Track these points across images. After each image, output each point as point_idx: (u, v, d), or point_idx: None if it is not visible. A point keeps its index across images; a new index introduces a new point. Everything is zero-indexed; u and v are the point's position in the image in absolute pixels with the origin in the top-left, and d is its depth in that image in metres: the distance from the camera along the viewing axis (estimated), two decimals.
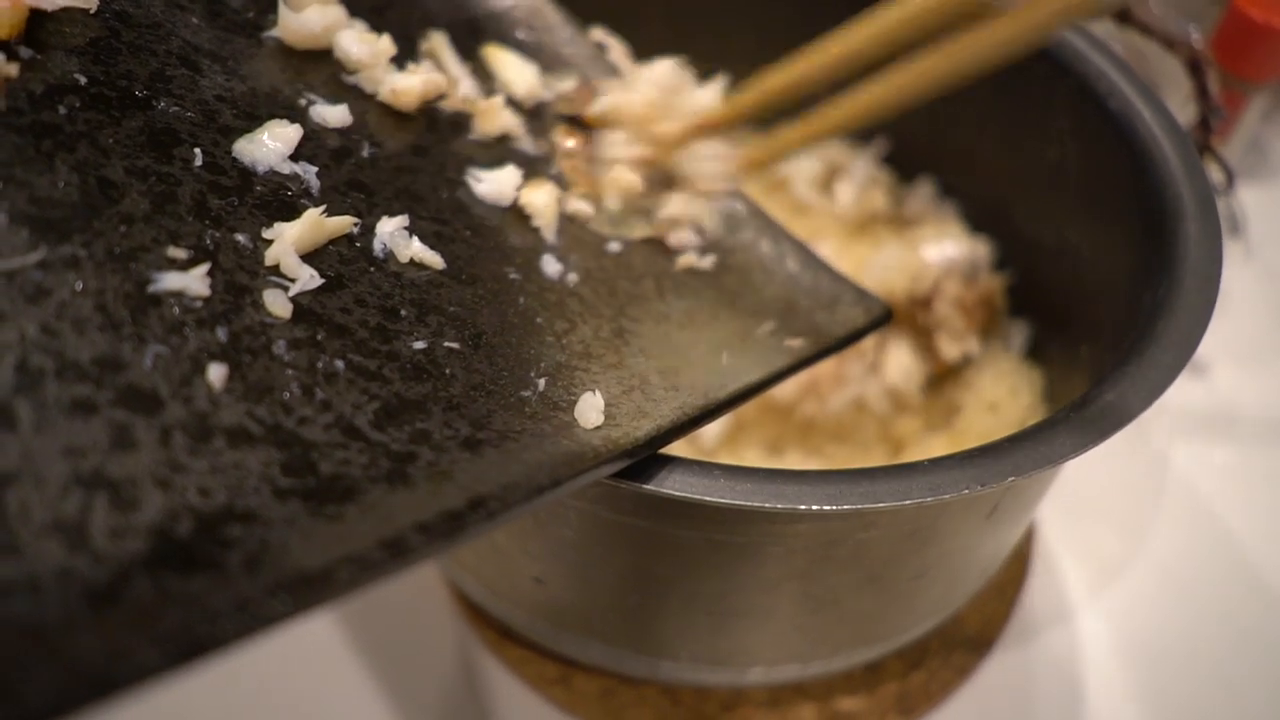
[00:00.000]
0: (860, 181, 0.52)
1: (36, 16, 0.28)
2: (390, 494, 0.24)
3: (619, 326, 0.34)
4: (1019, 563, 0.49)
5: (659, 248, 0.38)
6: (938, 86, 0.33)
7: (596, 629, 0.39)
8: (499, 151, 0.37)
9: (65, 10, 0.29)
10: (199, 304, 0.25)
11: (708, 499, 0.28)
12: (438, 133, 0.36)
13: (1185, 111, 0.58)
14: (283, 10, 0.34)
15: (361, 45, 0.35)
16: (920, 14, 0.33)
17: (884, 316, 0.40)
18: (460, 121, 0.37)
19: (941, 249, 0.48)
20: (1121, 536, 0.51)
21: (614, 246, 0.37)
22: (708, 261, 0.39)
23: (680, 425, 0.30)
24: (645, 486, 0.29)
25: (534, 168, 0.37)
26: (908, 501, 0.28)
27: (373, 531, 0.23)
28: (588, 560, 0.35)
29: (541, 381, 0.30)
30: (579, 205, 0.37)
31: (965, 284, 0.48)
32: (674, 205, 0.39)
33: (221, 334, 0.25)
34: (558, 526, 0.34)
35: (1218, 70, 0.60)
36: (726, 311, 0.37)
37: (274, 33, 0.34)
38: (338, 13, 0.35)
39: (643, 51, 0.44)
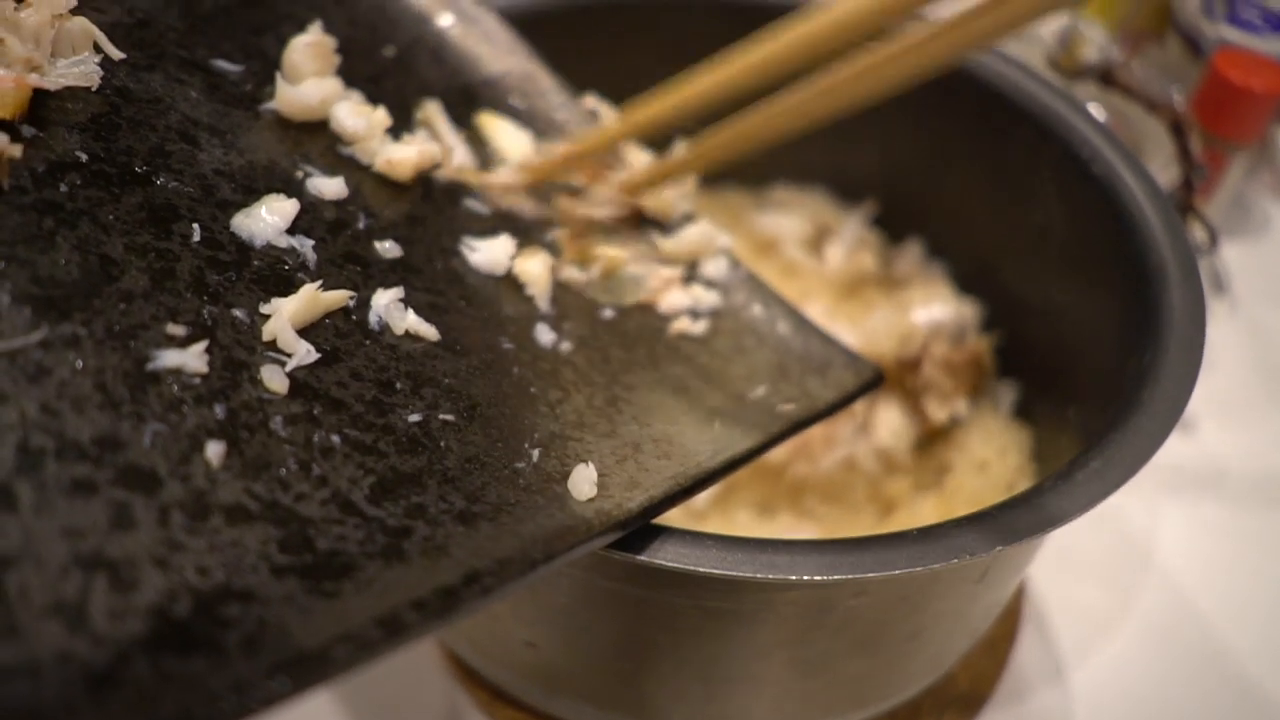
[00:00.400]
0: (849, 243, 0.53)
1: (39, 95, 0.29)
2: (386, 570, 0.24)
3: (612, 395, 0.34)
4: (1010, 619, 0.49)
5: (651, 313, 0.39)
6: (836, 109, 0.34)
7: (589, 693, 0.39)
8: (493, 220, 0.38)
9: (68, 89, 0.29)
10: (197, 381, 0.25)
11: (700, 570, 0.29)
12: (433, 203, 0.36)
13: (1168, 171, 0.59)
14: (280, 83, 0.35)
15: (357, 118, 0.36)
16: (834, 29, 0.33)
17: (875, 380, 0.40)
18: (455, 191, 0.37)
19: (929, 311, 0.49)
20: (1111, 594, 0.51)
21: (608, 313, 0.37)
22: (700, 326, 0.39)
23: (673, 495, 0.30)
24: (638, 557, 0.29)
25: (528, 235, 0.38)
26: (898, 571, 0.29)
27: (369, 609, 0.23)
28: (580, 626, 0.36)
29: (535, 453, 0.30)
30: (572, 273, 0.38)
31: (953, 346, 0.49)
32: (667, 271, 0.40)
33: (219, 411, 0.25)
34: (550, 593, 0.34)
35: (1200, 131, 0.61)
36: (719, 377, 0.37)
37: (271, 105, 0.35)
38: (334, 85, 0.36)
39: None
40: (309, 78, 0.35)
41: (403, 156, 0.36)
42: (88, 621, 0.20)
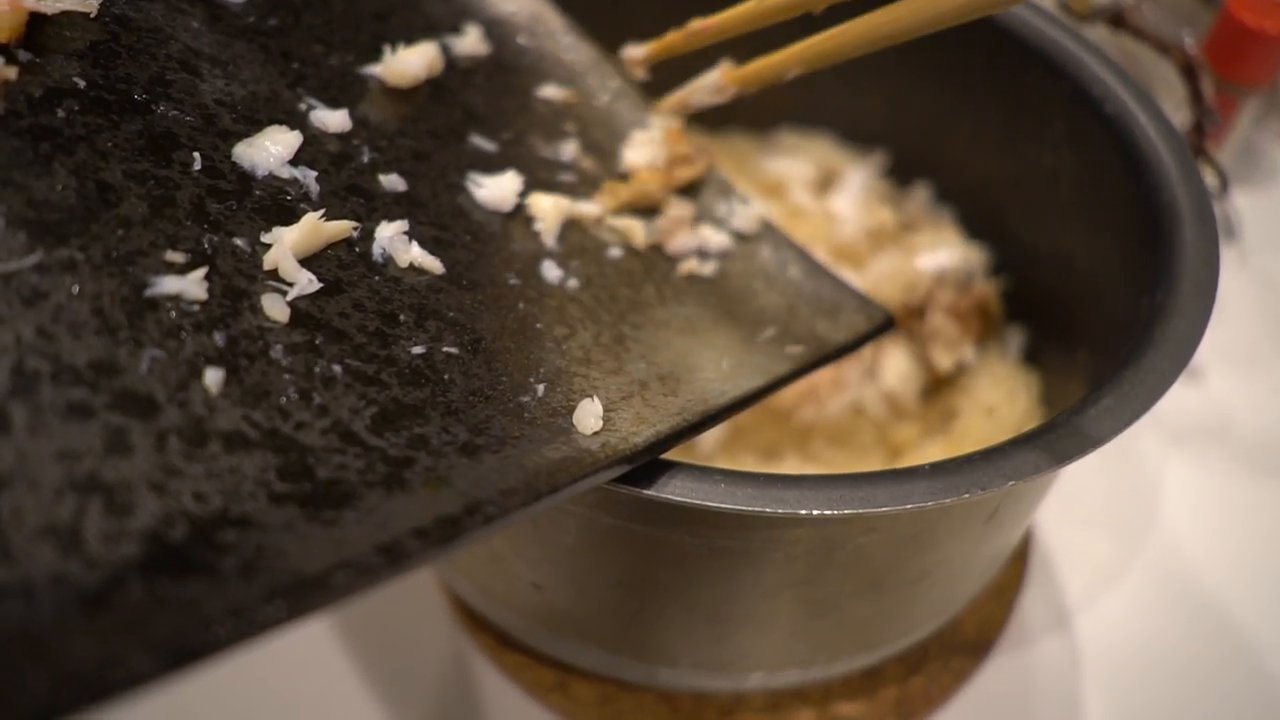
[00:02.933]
0: (857, 193, 0.52)
1: (36, 20, 0.28)
2: (387, 499, 0.24)
3: (619, 333, 0.33)
4: (1017, 566, 0.49)
5: (660, 254, 0.38)
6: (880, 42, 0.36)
7: (595, 635, 0.39)
8: (500, 157, 0.37)
9: (65, 14, 0.29)
10: (196, 308, 0.25)
11: (708, 504, 0.28)
12: (438, 138, 0.36)
13: (1179, 116, 0.58)
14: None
15: None
16: None
17: (886, 323, 0.40)
18: (460, 127, 0.37)
19: (935, 258, 0.48)
20: (1117, 541, 0.51)
21: (615, 253, 0.37)
22: (709, 268, 0.39)
23: (680, 431, 0.30)
24: (645, 492, 0.28)
25: (535, 173, 0.37)
26: (909, 506, 0.28)
27: (369, 537, 0.23)
28: (586, 566, 0.35)
29: (540, 387, 0.29)
30: (584, 208, 0.37)
31: (959, 292, 0.48)
32: (676, 209, 0.39)
33: (219, 338, 0.25)
34: (556, 533, 0.34)
35: (1211, 75, 0.60)
36: (728, 318, 0.37)
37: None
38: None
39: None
40: None
41: (408, 67, 0.36)
42: (82, 544, 0.20)
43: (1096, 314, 0.43)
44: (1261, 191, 0.69)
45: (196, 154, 0.28)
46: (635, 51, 0.42)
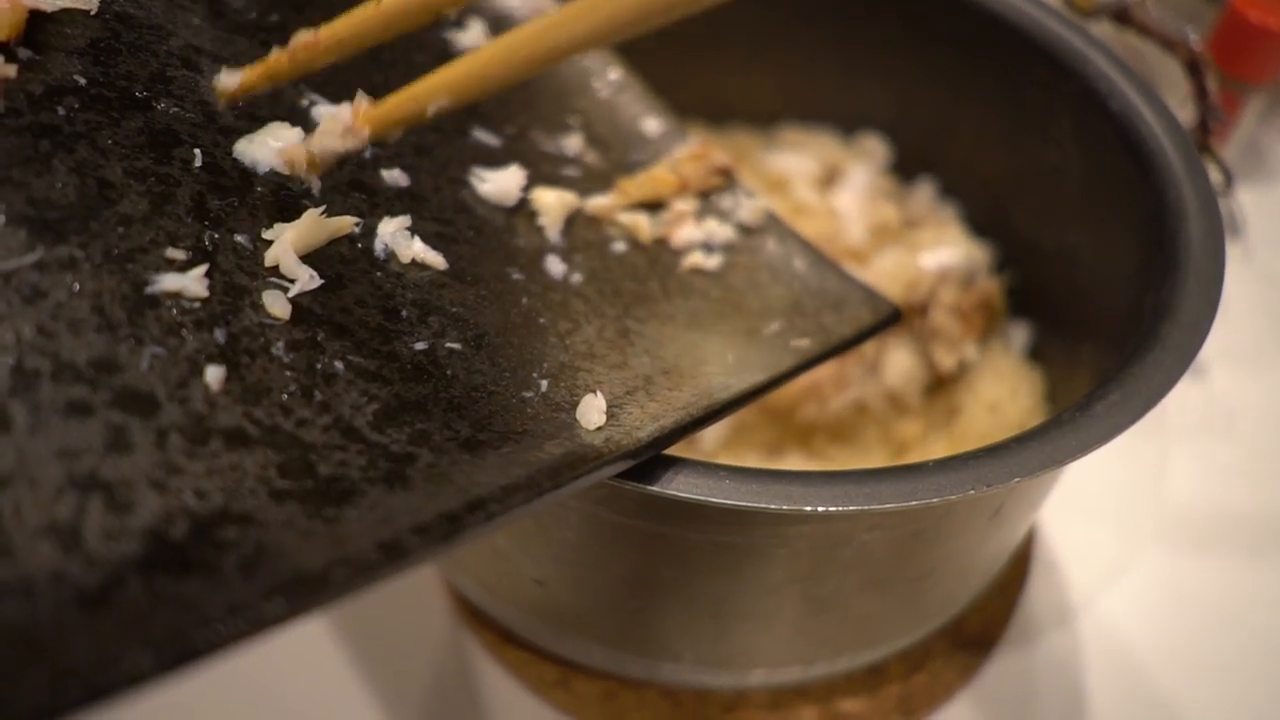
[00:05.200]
0: (860, 188, 0.52)
1: (36, 18, 0.28)
2: (388, 496, 0.24)
3: (623, 327, 0.33)
4: (1020, 563, 0.49)
5: (664, 248, 0.38)
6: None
7: (598, 631, 0.39)
8: (504, 152, 0.37)
9: (65, 11, 0.29)
10: (197, 305, 0.25)
11: (713, 500, 0.28)
12: (441, 132, 0.36)
13: (1183, 113, 0.58)
14: None
15: None
16: None
17: (892, 316, 0.39)
18: (464, 121, 0.37)
19: (938, 256, 0.48)
20: (1121, 538, 0.51)
21: (619, 247, 0.37)
22: (714, 261, 0.38)
23: (684, 426, 0.30)
24: (649, 488, 0.28)
25: (539, 167, 0.37)
26: (913, 502, 0.28)
27: (370, 534, 0.23)
28: (590, 563, 0.35)
29: (544, 382, 0.29)
30: (589, 203, 0.37)
31: (962, 290, 0.48)
32: (681, 203, 0.39)
33: (220, 335, 0.25)
34: (560, 529, 0.34)
35: (1216, 71, 0.60)
36: (732, 312, 0.37)
37: None
38: None
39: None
40: None
41: None
42: (82, 542, 0.20)
43: (1101, 310, 0.43)
44: (1266, 188, 0.68)
45: (197, 150, 0.28)
46: (228, 80, 0.31)
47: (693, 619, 0.36)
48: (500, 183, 0.35)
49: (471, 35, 0.39)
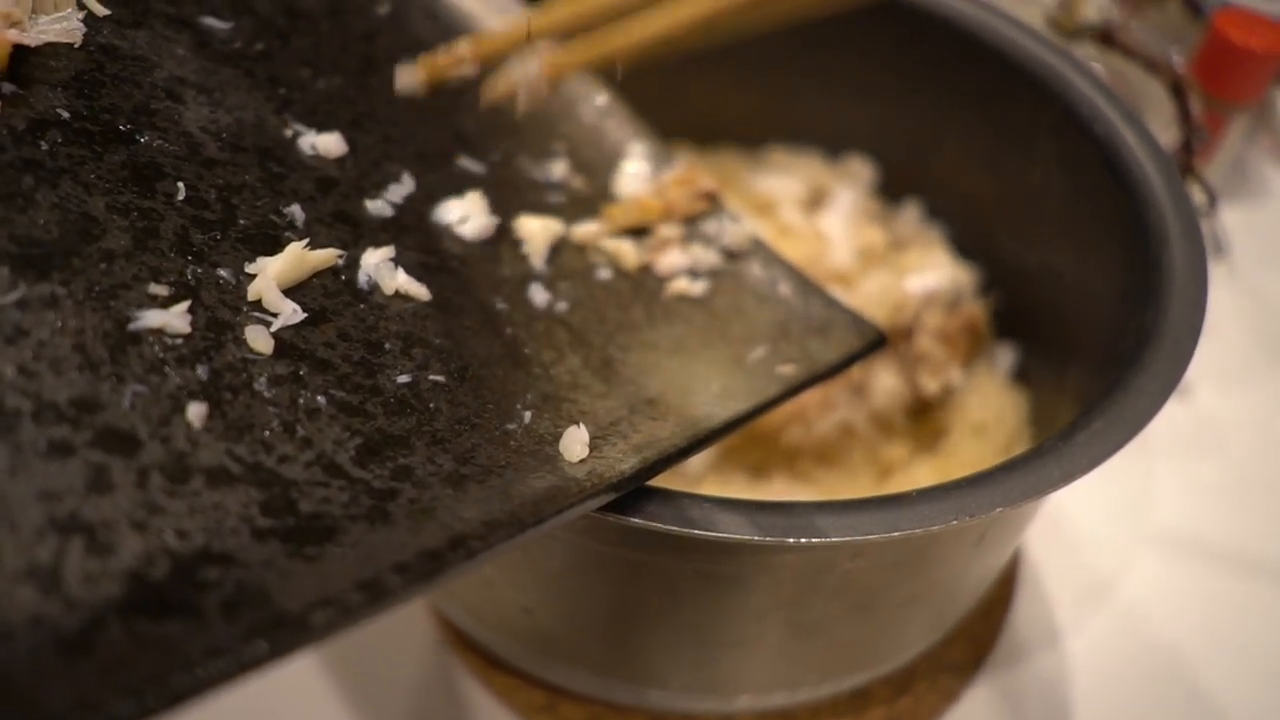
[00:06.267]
0: (847, 213, 0.52)
1: (20, 52, 0.28)
2: (370, 533, 0.24)
3: (608, 356, 0.33)
4: (1005, 585, 0.49)
5: (649, 274, 0.38)
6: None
7: (585, 659, 0.39)
8: (490, 179, 0.37)
9: (50, 45, 0.29)
10: (179, 341, 0.25)
11: (695, 533, 0.28)
12: (426, 161, 0.36)
13: (1167, 134, 0.59)
14: None
15: None
16: None
17: (878, 341, 0.39)
18: (448, 150, 0.37)
19: (923, 280, 0.48)
20: (1107, 558, 0.51)
21: (604, 274, 0.37)
22: (699, 287, 0.38)
23: (667, 457, 0.30)
24: (633, 520, 0.28)
25: (524, 197, 0.37)
26: (897, 533, 0.28)
27: (351, 572, 0.22)
28: (577, 591, 0.35)
29: (528, 414, 0.29)
30: (575, 230, 0.37)
31: (947, 313, 0.48)
32: (666, 229, 0.39)
33: (202, 371, 0.25)
34: (546, 558, 0.34)
35: (1199, 92, 0.60)
36: (718, 338, 0.37)
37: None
38: None
39: None
40: None
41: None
42: (62, 585, 0.20)
43: (1086, 332, 0.43)
44: (1251, 208, 0.69)
45: (180, 184, 0.28)
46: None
47: (678, 646, 0.36)
48: (460, 209, 0.35)
49: None
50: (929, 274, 0.49)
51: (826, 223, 0.52)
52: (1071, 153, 0.44)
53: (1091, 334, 0.42)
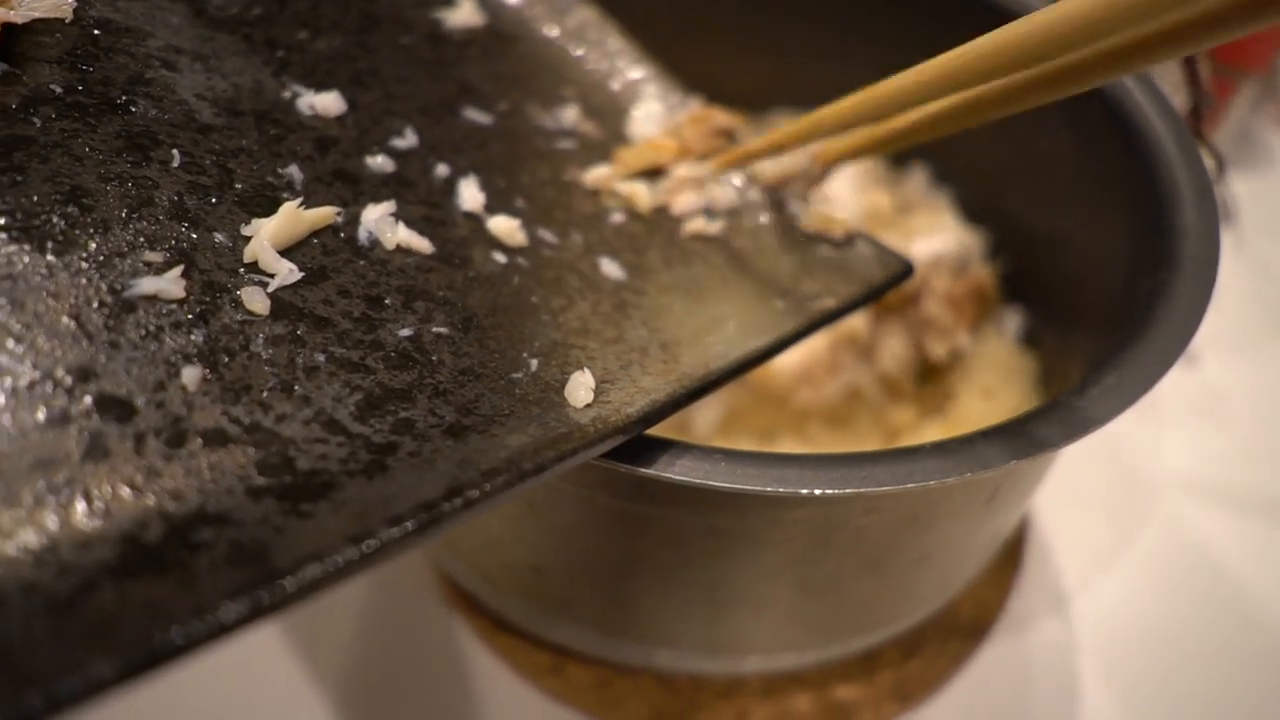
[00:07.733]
0: (853, 174, 0.52)
1: (12, 30, 0.28)
2: (367, 487, 0.23)
3: (620, 299, 0.33)
4: (1014, 550, 0.49)
5: (664, 215, 0.37)
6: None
7: (592, 617, 0.39)
8: (497, 129, 0.36)
9: (42, 22, 0.28)
10: (175, 307, 0.24)
11: (709, 483, 0.28)
12: (430, 115, 0.35)
13: (1175, 99, 0.58)
14: None
15: None
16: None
17: (904, 272, 0.38)
18: (454, 101, 0.36)
19: (929, 244, 0.48)
20: (1114, 525, 0.51)
21: (617, 218, 0.36)
22: (716, 227, 0.38)
23: (677, 399, 0.29)
24: (645, 471, 0.28)
25: (534, 144, 0.37)
26: (910, 485, 0.28)
27: (344, 527, 0.22)
28: (586, 548, 0.35)
29: (534, 362, 0.29)
30: (587, 176, 0.36)
31: (955, 277, 0.48)
32: (683, 169, 0.38)
33: (198, 335, 0.24)
34: (554, 513, 0.34)
35: (1207, 58, 0.60)
36: (736, 277, 0.36)
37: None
38: None
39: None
40: None
41: None
42: (56, 552, 0.19)
43: (1095, 296, 0.43)
44: (1258, 175, 0.68)
45: (175, 151, 0.28)
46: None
47: (687, 604, 0.36)
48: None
49: (462, 14, 0.39)
50: (936, 238, 0.49)
51: (833, 186, 0.51)
52: (1082, 115, 0.44)
53: (1101, 296, 0.42)
